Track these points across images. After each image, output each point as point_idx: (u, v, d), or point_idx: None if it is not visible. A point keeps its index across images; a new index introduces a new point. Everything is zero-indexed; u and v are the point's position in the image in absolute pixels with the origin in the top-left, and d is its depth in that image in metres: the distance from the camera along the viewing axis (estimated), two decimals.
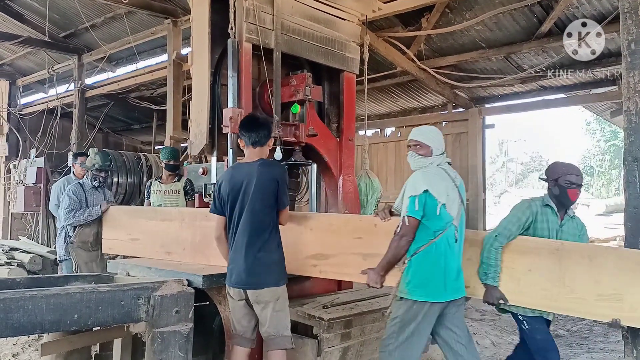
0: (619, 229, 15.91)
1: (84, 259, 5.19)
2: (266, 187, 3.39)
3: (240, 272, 3.34)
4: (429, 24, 7.18)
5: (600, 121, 36.38)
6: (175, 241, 4.33)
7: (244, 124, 3.59)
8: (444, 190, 3.16)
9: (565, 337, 6.02)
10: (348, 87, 5.00)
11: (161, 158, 5.90)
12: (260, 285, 3.33)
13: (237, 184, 3.40)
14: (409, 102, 10.57)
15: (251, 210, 3.36)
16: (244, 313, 3.41)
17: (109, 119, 13.21)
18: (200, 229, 4.18)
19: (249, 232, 3.35)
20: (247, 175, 3.40)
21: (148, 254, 4.52)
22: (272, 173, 3.45)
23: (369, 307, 4.25)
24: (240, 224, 3.37)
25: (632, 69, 3.71)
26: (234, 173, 3.50)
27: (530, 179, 53.52)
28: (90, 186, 5.30)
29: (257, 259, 3.34)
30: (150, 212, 4.87)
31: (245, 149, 3.56)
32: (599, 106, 10.60)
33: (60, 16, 10.00)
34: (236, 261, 3.38)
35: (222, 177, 3.55)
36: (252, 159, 3.50)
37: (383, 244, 3.21)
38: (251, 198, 3.36)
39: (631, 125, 3.74)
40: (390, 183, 10.71)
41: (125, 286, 3.03)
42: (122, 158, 9.65)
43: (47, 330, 2.84)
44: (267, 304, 3.33)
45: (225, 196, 3.43)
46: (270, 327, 3.33)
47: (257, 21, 4.19)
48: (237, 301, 3.40)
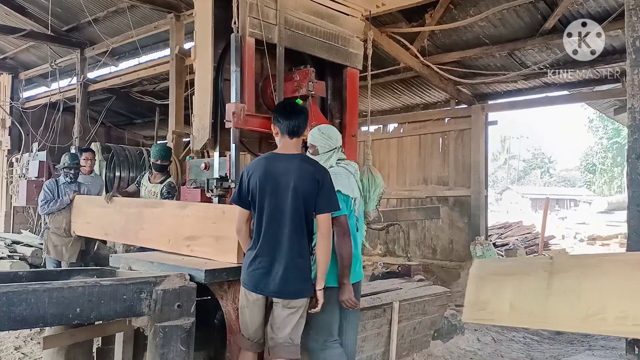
0: (621, 227, 15.90)
1: (54, 242, 5.95)
2: (307, 187, 3.04)
3: (275, 281, 3.01)
4: (432, 19, 7.16)
5: (603, 118, 36.33)
6: (111, 224, 5.23)
7: (281, 109, 3.24)
8: (348, 185, 3.41)
9: (566, 334, 6.02)
10: (351, 83, 4.99)
11: (150, 155, 5.96)
12: (297, 295, 3.05)
13: (273, 177, 3.05)
14: (412, 98, 10.55)
15: (293, 211, 3.03)
16: (261, 317, 3.13)
17: (111, 113, 13.21)
18: (125, 215, 4.98)
19: (289, 235, 3.03)
20: (287, 169, 3.06)
21: (94, 235, 5.80)
22: (316, 172, 3.10)
23: (371, 303, 4.26)
24: (275, 223, 3.04)
25: (637, 66, 3.69)
26: (268, 164, 3.10)
27: (532, 176, 53.51)
28: (64, 181, 6.12)
29: (296, 265, 3.04)
30: (97, 200, 5.74)
31: (279, 138, 3.21)
32: (602, 103, 10.58)
33: (63, 10, 9.98)
34: (265, 265, 3.04)
35: (251, 167, 3.16)
36: (289, 151, 3.16)
37: (229, 228, 3.59)
38: (292, 197, 3.02)
39: (635, 123, 3.73)
40: (392, 179, 10.72)
41: (127, 280, 3.03)
42: (124, 152, 9.66)
43: (49, 323, 2.84)
44: (297, 310, 3.07)
45: (256, 188, 3.06)
46: (292, 333, 3.07)
47: (260, 16, 4.18)
48: (255, 304, 3.10)
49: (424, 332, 4.82)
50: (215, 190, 4.16)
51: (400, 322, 4.39)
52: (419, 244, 10.37)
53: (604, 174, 42.70)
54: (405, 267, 6.20)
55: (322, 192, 3.07)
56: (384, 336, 4.34)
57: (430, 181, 10.26)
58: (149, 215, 4.63)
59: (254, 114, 4.14)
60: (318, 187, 3.05)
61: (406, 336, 4.57)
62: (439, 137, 10.19)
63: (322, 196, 3.07)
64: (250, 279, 3.08)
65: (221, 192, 4.17)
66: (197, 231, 4.02)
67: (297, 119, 3.15)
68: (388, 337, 4.37)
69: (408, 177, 10.63)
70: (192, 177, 4.52)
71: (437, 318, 4.93)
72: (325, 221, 3.09)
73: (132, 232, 4.83)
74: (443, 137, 10.14)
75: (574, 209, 32.16)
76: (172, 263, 3.67)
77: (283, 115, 3.17)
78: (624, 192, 26.37)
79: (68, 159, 6.19)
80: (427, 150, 10.34)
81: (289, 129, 3.14)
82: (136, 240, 4.87)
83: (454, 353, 4.94)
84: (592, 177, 44.59)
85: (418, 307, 4.63)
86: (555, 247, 13.37)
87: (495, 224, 14.14)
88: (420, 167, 10.42)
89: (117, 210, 5.16)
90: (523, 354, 5.14)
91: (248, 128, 4.09)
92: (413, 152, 10.54)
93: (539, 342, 5.69)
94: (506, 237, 12.51)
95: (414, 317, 4.60)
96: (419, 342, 4.78)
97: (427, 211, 8.64)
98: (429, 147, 10.30)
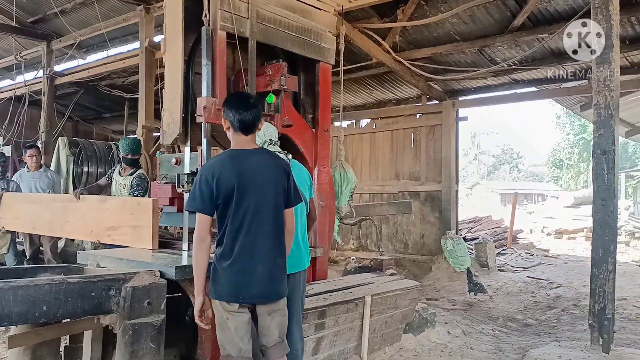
0: (587, 221, 16.29)
1: None
2: (283, 181, 2.91)
3: (259, 283, 2.81)
4: (404, 15, 7.21)
5: (570, 115, 37.11)
6: (38, 219, 5.60)
7: (233, 102, 2.94)
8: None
9: (533, 326, 6.15)
10: (324, 78, 4.99)
11: (120, 150, 5.88)
12: (279, 296, 2.92)
13: (248, 175, 2.82)
14: (384, 93, 10.61)
15: (274, 207, 2.87)
16: (248, 329, 2.87)
17: (79, 107, 12.94)
18: (51, 209, 5.40)
19: (272, 234, 2.86)
20: (258, 166, 2.87)
21: (23, 229, 6.23)
22: (282, 165, 2.98)
23: (343, 297, 4.28)
24: (255, 223, 2.81)
25: (602, 63, 3.78)
26: (236, 163, 2.84)
27: (502, 171, 54.39)
28: None
29: (277, 265, 2.88)
30: (24, 197, 6.21)
31: (232, 135, 2.94)
32: (569, 100, 10.81)
33: (28, 1, 9.71)
34: (247, 271, 2.80)
35: (213, 167, 2.84)
36: (250, 146, 2.93)
37: (144, 218, 4.17)
38: (272, 193, 2.86)
39: (600, 119, 3.82)
40: (365, 174, 10.77)
41: (95, 277, 2.98)
42: (92, 147, 9.47)
43: (14, 322, 2.78)
44: (282, 309, 2.96)
45: (230, 189, 2.78)
46: (280, 333, 2.95)
47: (232, 9, 4.13)
48: (242, 316, 2.84)
49: (396, 325, 4.86)
50: (186, 186, 4.10)
51: (372, 316, 4.42)
52: (391, 239, 10.45)
53: (570, 169, 43.65)
54: (377, 261, 6.23)
55: (291, 185, 2.97)
56: (356, 330, 4.36)
57: (402, 176, 10.35)
58: (73, 208, 5.09)
59: None
60: (288, 181, 2.96)
61: (378, 330, 4.60)
62: (410, 133, 10.28)
63: (290, 190, 2.96)
64: (228, 288, 2.81)
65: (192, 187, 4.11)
66: (117, 222, 4.51)
67: (250, 114, 2.87)
68: (360, 331, 4.39)
69: (380, 172, 10.70)
70: (163, 172, 4.45)
71: (408, 312, 4.97)
72: (291, 216, 3.01)
73: (57, 224, 5.30)
74: (415, 133, 10.23)
75: (542, 204, 32.82)
76: (141, 260, 3.61)
77: (235, 108, 2.88)
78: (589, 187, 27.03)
79: None
80: (399, 146, 10.42)
81: (241, 126, 2.87)
82: (62, 232, 5.43)
83: (425, 346, 5.00)
84: (559, 172, 45.53)
85: (390, 301, 4.67)
86: (523, 240, 13.64)
87: (466, 219, 14.36)
88: (392, 162, 10.49)
89: (44, 205, 5.61)
90: (492, 346, 5.23)
91: (219, 122, 4.05)
92: (385, 147, 10.60)
93: (507, 334, 5.80)
94: (476, 231, 12.71)
95: (385, 311, 4.63)
96: (391, 335, 4.82)
97: (399, 206, 8.70)
98: (401, 143, 10.38)
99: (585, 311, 5.44)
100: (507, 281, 8.50)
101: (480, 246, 9.50)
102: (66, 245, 7.78)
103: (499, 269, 9.47)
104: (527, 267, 10.04)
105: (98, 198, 5.11)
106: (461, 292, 7.72)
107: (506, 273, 9.30)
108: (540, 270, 9.76)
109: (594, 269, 4.11)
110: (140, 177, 5.57)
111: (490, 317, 6.53)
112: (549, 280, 8.61)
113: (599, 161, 3.84)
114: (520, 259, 10.94)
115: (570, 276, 8.96)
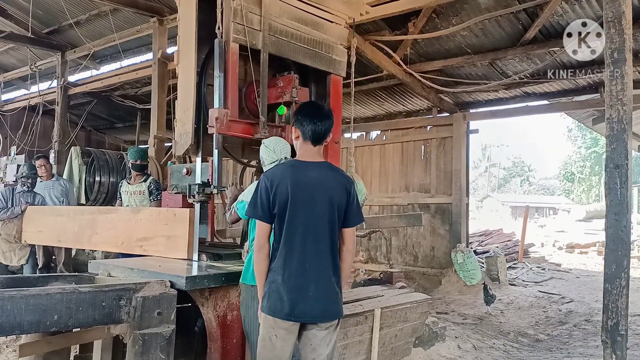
0: (599, 235, 16.14)
1: (3, 249, 6.34)
2: (341, 198, 2.79)
3: (313, 301, 2.71)
4: (415, 28, 7.23)
5: (582, 128, 36.93)
6: (63, 231, 5.53)
7: (306, 111, 2.89)
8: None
9: (545, 342, 6.08)
10: (335, 90, 4.99)
11: (128, 158, 5.96)
12: (334, 316, 2.80)
13: (306, 188, 2.75)
14: (395, 105, 10.62)
15: (329, 225, 2.75)
16: (292, 351, 2.79)
17: (92, 117, 13.07)
18: (78, 221, 5.33)
19: (325, 251, 2.75)
20: (320, 179, 2.78)
21: (47, 242, 6.13)
22: (346, 183, 2.85)
23: (352, 310, 4.25)
24: (310, 239, 2.72)
25: (614, 77, 3.76)
26: (296, 174, 2.77)
27: (512, 184, 54.14)
28: (20, 190, 6.42)
29: (332, 284, 2.76)
30: (50, 210, 6.19)
31: (300, 143, 2.88)
32: (581, 113, 10.76)
33: (43, 12, 9.87)
34: (301, 288, 2.70)
35: (274, 176, 2.79)
36: (314, 158, 2.85)
37: (179, 228, 4.20)
38: (328, 210, 2.75)
39: (613, 133, 3.80)
40: (375, 186, 10.76)
41: (106, 287, 2.99)
42: (104, 157, 9.53)
43: (26, 331, 2.78)
44: (336, 328, 2.84)
45: (286, 200, 2.72)
46: (332, 352, 2.83)
47: (244, 22, 4.16)
48: (289, 331, 2.74)
49: (405, 339, 4.82)
50: (197, 196, 4.12)
51: (381, 329, 4.39)
52: (401, 251, 10.40)
53: (582, 183, 43.35)
54: (387, 274, 6.21)
55: (353, 203, 2.84)
56: (365, 344, 4.33)
57: (412, 188, 10.32)
58: (103, 220, 5.08)
59: (237, 119, 4.13)
60: (349, 198, 2.82)
61: (387, 344, 4.57)
62: (421, 145, 10.27)
63: (352, 208, 2.83)
64: (281, 305, 2.71)
65: (203, 197, 4.13)
66: (150, 233, 4.48)
67: (323, 124, 2.82)
68: (369, 345, 4.36)
69: (390, 184, 10.68)
70: (174, 183, 4.47)
71: (418, 325, 4.94)
72: (352, 235, 2.87)
73: (85, 237, 5.22)
74: (425, 145, 10.21)
75: (553, 217, 32.56)
76: (152, 270, 3.62)
77: (309, 118, 2.82)
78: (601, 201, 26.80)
79: (26, 169, 6.53)
80: (409, 158, 10.41)
81: (313, 136, 2.81)
82: (89, 244, 5.33)
83: None
84: (571, 186, 45.24)
85: (399, 315, 4.64)
86: (535, 254, 13.51)
87: (476, 232, 14.26)
88: (402, 174, 10.48)
89: (70, 217, 5.52)
90: None
91: (231, 134, 4.07)
92: (395, 159, 10.59)
93: (518, 349, 5.73)
94: (487, 244, 12.62)
95: (395, 325, 4.60)
96: (400, 349, 4.78)
97: (408, 218, 8.68)
98: (411, 155, 10.37)
99: (597, 327, 5.37)
100: (518, 295, 8.42)
101: (491, 260, 9.42)
102: (77, 254, 7.81)
103: (510, 283, 9.39)
104: (539, 281, 9.94)
105: (131, 209, 5.16)
106: (472, 305, 7.65)
107: (517, 287, 9.22)
108: (551, 284, 9.67)
109: (607, 284, 4.06)
110: (156, 182, 5.77)
111: (501, 331, 6.46)
112: (560, 295, 8.52)
113: (612, 175, 3.81)
114: (532, 273, 10.84)
115: (582, 291, 8.86)
